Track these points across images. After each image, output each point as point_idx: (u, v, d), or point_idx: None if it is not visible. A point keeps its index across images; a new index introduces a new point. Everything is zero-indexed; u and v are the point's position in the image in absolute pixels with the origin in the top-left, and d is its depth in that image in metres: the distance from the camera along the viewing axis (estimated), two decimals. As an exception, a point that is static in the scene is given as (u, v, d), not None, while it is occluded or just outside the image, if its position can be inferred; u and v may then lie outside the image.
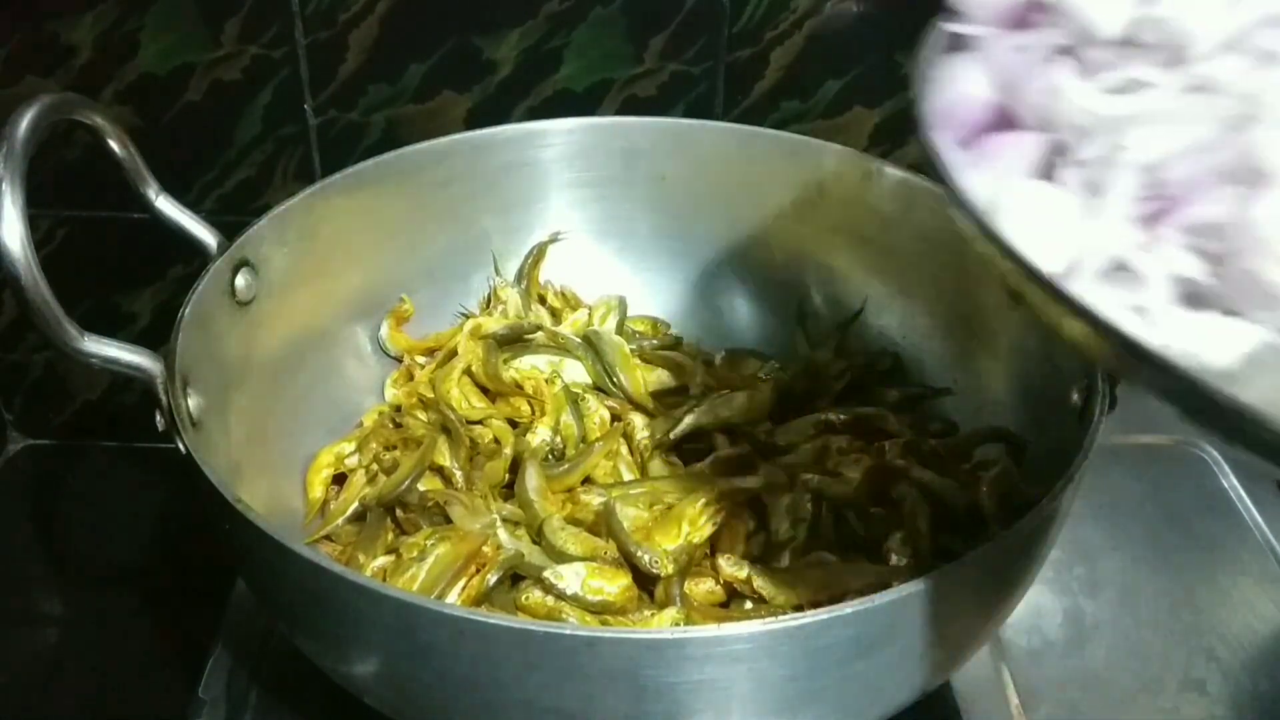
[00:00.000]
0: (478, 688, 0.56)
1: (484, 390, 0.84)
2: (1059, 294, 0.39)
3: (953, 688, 0.75)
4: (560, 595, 0.66)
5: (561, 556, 0.70)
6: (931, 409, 0.83)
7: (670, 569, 0.68)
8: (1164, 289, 0.41)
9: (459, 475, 0.76)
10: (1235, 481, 0.93)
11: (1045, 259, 0.41)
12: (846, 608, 0.53)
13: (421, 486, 0.75)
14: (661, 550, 0.69)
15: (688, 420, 0.81)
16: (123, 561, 0.98)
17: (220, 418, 0.71)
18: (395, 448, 0.79)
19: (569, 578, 0.67)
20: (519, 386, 0.83)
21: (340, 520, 0.76)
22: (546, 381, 0.84)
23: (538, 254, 0.91)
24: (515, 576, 0.70)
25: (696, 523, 0.71)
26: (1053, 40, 0.47)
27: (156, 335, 0.68)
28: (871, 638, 0.55)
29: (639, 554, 0.68)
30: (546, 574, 0.67)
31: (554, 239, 0.91)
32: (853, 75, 0.91)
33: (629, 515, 0.72)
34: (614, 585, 0.67)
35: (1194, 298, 0.41)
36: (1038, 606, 0.83)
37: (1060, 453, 0.63)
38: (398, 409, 0.84)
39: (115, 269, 0.98)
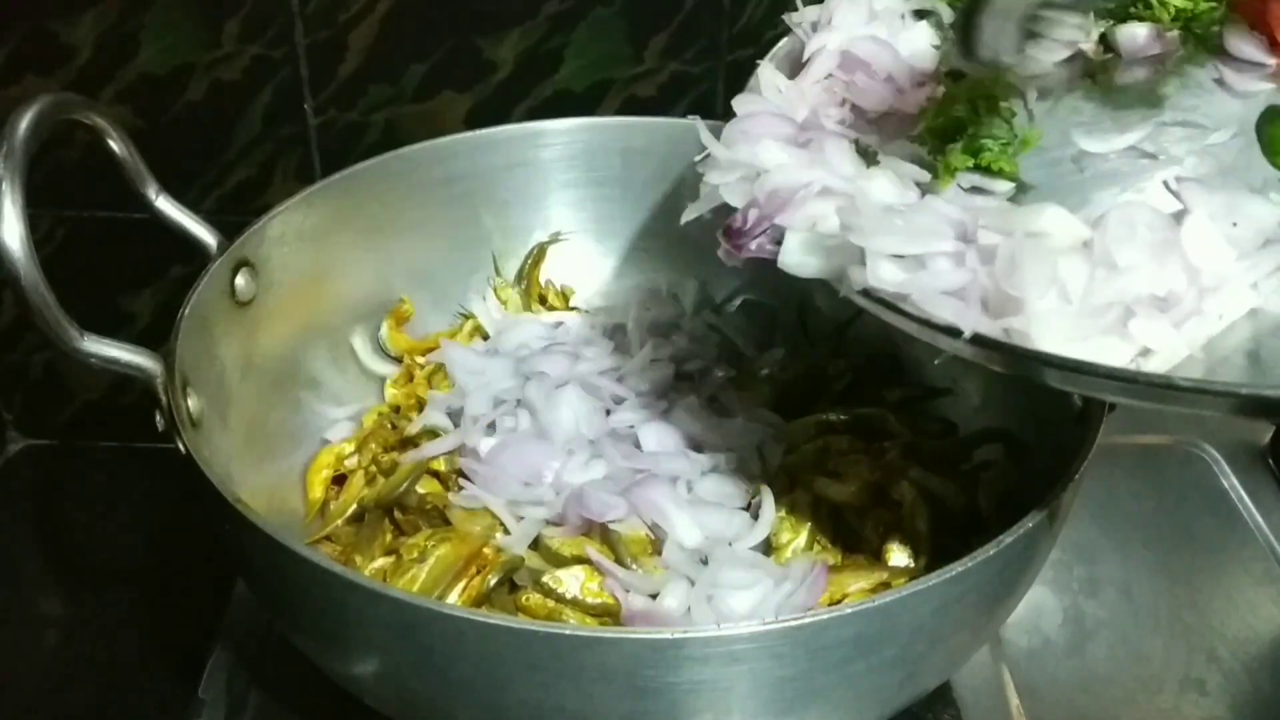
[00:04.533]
0: (478, 688, 0.56)
1: (484, 391, 0.84)
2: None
3: (953, 688, 0.75)
4: (560, 599, 0.66)
5: (557, 560, 0.69)
6: (931, 409, 0.83)
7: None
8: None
9: (456, 478, 0.76)
10: (1235, 482, 0.93)
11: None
12: (846, 608, 0.53)
13: (421, 489, 0.75)
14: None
15: (688, 421, 0.81)
16: (122, 561, 0.97)
17: (220, 418, 0.71)
18: (395, 449, 0.79)
19: (568, 581, 0.67)
20: (519, 387, 0.83)
21: (339, 521, 0.76)
22: (547, 382, 0.84)
23: (538, 254, 0.91)
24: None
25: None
26: None
27: (156, 335, 0.68)
28: (871, 638, 0.55)
29: (632, 566, 0.68)
30: (545, 578, 0.67)
31: (554, 239, 0.91)
32: (853, 75, 0.91)
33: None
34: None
35: None
36: (1038, 606, 0.83)
37: (1060, 453, 0.63)
38: (397, 410, 0.84)
39: (115, 269, 0.98)
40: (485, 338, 0.88)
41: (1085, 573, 0.86)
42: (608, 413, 0.78)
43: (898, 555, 0.70)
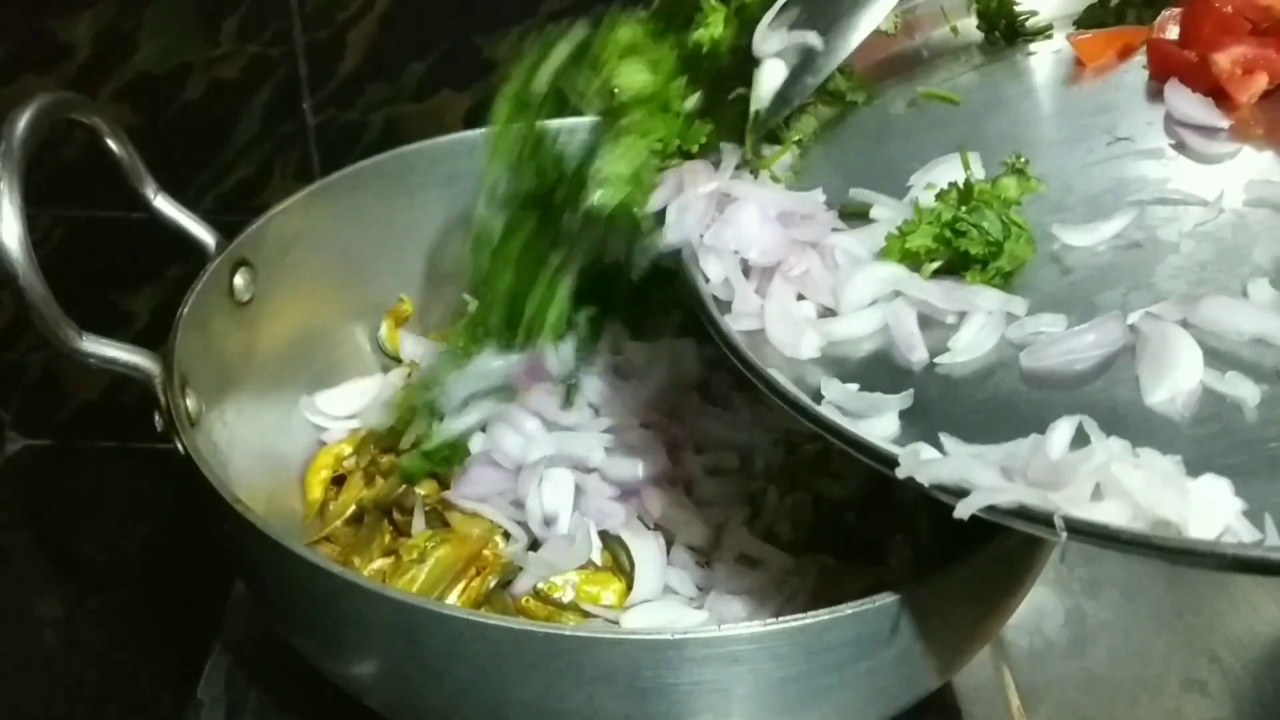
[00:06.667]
0: (477, 689, 0.56)
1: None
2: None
3: (953, 688, 0.75)
4: (557, 605, 0.66)
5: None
6: (932, 409, 0.83)
7: None
8: None
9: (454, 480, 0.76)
10: (1236, 482, 0.92)
11: None
12: (847, 608, 0.53)
13: (420, 490, 0.75)
14: None
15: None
16: (121, 562, 0.97)
17: (219, 418, 0.71)
18: (393, 450, 0.79)
19: (564, 587, 0.66)
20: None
21: (338, 522, 0.75)
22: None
23: (537, 253, 0.90)
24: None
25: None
26: None
27: (155, 335, 0.68)
28: (872, 639, 0.55)
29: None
30: (540, 585, 0.67)
31: (553, 238, 0.91)
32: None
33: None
34: (609, 591, 0.67)
35: None
36: (1039, 607, 0.82)
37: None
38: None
39: (113, 268, 0.98)
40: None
41: (1086, 573, 0.85)
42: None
43: (897, 556, 0.70)
